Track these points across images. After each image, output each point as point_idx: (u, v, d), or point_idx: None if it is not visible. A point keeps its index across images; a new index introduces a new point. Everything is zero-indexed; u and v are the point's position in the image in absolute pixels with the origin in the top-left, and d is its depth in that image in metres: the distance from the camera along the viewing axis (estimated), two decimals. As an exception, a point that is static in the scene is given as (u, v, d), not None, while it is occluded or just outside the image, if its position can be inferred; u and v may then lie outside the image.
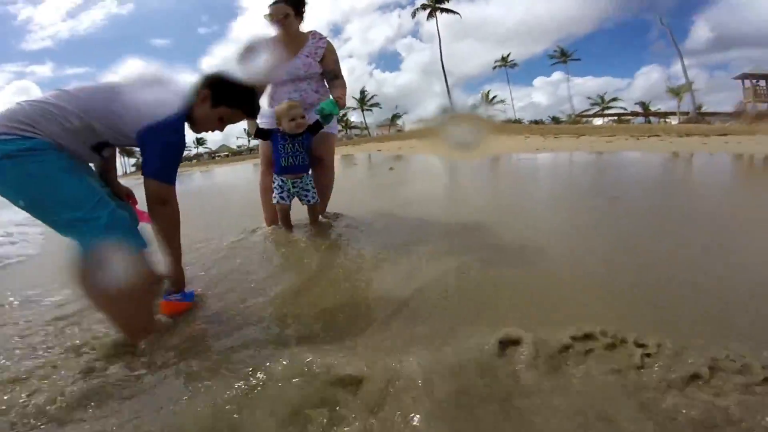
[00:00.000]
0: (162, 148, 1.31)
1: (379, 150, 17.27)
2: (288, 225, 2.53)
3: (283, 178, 2.42)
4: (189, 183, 10.59)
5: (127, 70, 1.42)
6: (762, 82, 24.54)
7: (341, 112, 2.55)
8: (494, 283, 1.52)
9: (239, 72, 1.51)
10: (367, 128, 45.43)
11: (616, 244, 1.97)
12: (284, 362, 1.04)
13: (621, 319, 1.16)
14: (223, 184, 9.31)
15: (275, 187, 2.45)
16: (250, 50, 2.24)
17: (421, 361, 0.98)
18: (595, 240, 2.07)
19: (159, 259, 1.38)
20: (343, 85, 2.54)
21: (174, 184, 1.37)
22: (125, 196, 1.58)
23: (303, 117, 2.28)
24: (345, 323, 1.31)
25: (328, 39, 2.53)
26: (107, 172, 1.52)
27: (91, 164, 1.39)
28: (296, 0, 2.42)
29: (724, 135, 12.57)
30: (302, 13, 2.48)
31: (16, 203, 1.17)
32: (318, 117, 2.31)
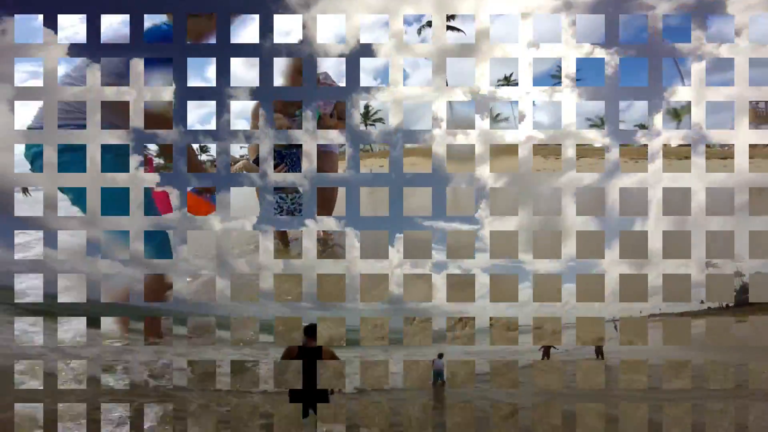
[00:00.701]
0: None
1: (381, 166, 17.46)
2: (283, 239, 2.61)
3: (282, 195, 2.50)
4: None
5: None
6: (762, 104, 24.84)
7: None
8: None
9: None
10: (370, 144, 46.12)
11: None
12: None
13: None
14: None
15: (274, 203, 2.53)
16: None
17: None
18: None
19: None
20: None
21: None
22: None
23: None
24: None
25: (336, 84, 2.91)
26: None
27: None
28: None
29: (724, 159, 12.65)
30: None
31: None
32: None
